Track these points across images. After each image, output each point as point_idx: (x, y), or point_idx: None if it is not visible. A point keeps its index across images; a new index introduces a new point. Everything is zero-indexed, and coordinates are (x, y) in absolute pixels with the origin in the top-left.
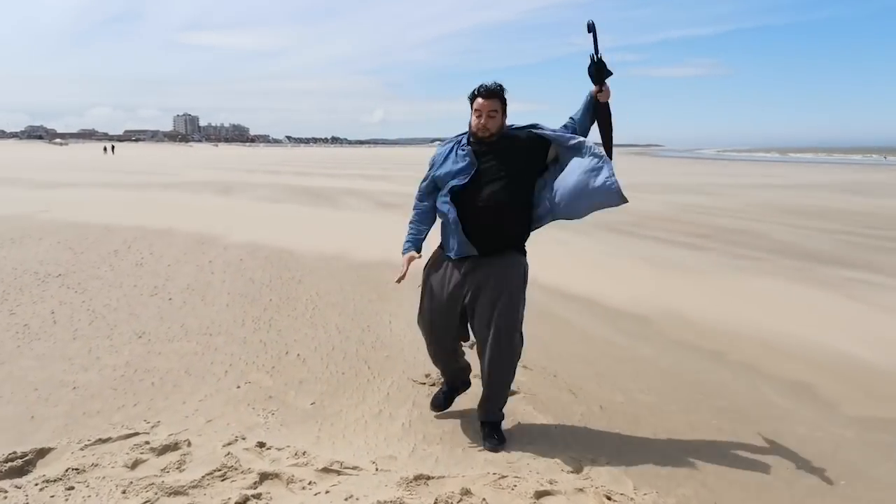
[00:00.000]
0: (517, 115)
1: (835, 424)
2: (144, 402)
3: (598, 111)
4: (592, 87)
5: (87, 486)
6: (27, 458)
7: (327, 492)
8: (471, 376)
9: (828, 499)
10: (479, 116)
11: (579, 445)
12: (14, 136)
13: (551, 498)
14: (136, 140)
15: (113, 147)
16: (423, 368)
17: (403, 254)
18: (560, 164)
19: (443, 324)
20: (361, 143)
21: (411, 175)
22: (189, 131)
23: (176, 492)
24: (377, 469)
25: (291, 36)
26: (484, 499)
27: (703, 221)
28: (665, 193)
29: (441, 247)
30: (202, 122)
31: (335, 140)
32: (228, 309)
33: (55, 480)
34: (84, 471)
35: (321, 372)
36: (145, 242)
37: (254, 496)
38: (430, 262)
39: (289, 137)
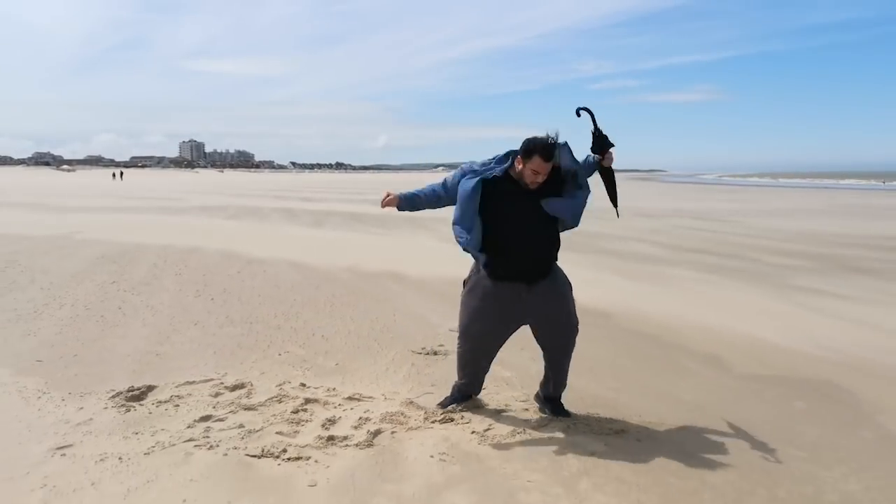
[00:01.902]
0: (518, 140)
1: (724, 378)
2: (212, 363)
3: (603, 174)
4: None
5: (188, 404)
6: (141, 390)
7: (351, 408)
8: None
9: (708, 417)
10: (535, 174)
11: (529, 388)
12: (22, 162)
13: (506, 413)
14: (143, 166)
15: (122, 173)
16: (421, 344)
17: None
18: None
19: (494, 344)
20: (366, 168)
21: None
22: (195, 157)
23: (249, 407)
24: (385, 398)
25: (296, 63)
26: (459, 411)
27: (685, 241)
28: (662, 218)
29: (485, 268)
30: (208, 149)
31: (339, 166)
32: (261, 306)
33: (165, 402)
34: (182, 397)
35: (341, 346)
36: (178, 257)
37: (301, 409)
38: (471, 286)
39: (293, 163)
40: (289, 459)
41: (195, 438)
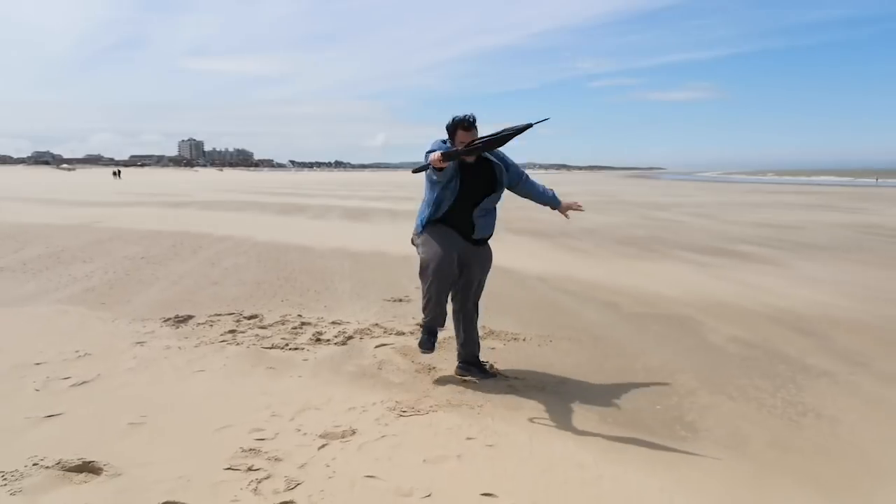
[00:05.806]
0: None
1: (612, 316)
2: (232, 306)
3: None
4: (560, 204)
5: (219, 324)
6: (184, 318)
7: (334, 327)
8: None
9: (580, 337)
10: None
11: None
12: (21, 161)
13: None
14: (142, 165)
15: (119, 171)
16: (391, 294)
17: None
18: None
19: (451, 276)
20: (364, 166)
21: (408, 196)
22: (194, 156)
23: (262, 326)
24: (358, 322)
25: (295, 61)
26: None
27: (634, 230)
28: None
29: (438, 220)
30: (206, 147)
31: (338, 164)
32: (267, 273)
33: (203, 323)
34: (214, 321)
35: (329, 297)
36: (191, 241)
37: (298, 328)
38: (430, 230)
39: (292, 161)
40: (289, 349)
41: (226, 340)
